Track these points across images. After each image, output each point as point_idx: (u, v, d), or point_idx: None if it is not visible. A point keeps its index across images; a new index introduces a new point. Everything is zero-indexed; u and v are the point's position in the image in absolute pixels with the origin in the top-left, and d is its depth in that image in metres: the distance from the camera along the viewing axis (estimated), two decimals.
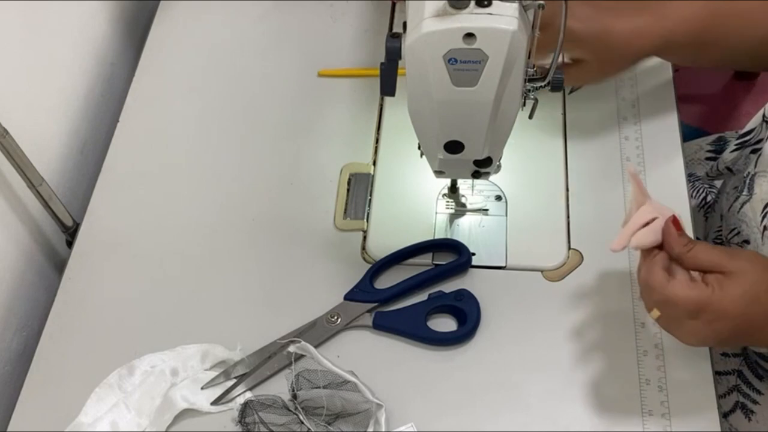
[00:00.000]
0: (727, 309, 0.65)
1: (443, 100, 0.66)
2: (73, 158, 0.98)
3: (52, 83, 0.94)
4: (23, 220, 0.88)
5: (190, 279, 0.84)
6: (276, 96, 0.97)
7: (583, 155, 0.85)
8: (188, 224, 0.87)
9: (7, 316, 0.86)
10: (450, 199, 0.87)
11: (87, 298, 0.83)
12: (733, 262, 0.66)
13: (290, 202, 0.88)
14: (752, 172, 0.80)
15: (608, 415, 0.73)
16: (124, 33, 1.09)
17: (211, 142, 0.94)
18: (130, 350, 0.78)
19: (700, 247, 0.67)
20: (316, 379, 0.73)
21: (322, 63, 0.99)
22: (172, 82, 0.99)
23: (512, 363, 0.77)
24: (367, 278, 0.81)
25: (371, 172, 0.90)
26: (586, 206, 0.86)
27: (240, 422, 0.73)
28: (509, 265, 0.83)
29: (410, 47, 0.62)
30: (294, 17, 1.03)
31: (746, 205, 0.80)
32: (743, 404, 0.85)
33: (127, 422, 0.74)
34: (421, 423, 0.74)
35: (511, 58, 0.62)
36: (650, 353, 0.76)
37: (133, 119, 0.96)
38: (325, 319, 0.79)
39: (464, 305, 0.78)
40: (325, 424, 0.72)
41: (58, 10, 0.93)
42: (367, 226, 0.86)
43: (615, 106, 0.92)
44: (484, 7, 0.60)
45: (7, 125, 0.78)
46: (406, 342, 0.78)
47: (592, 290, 0.80)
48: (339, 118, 0.94)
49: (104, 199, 0.90)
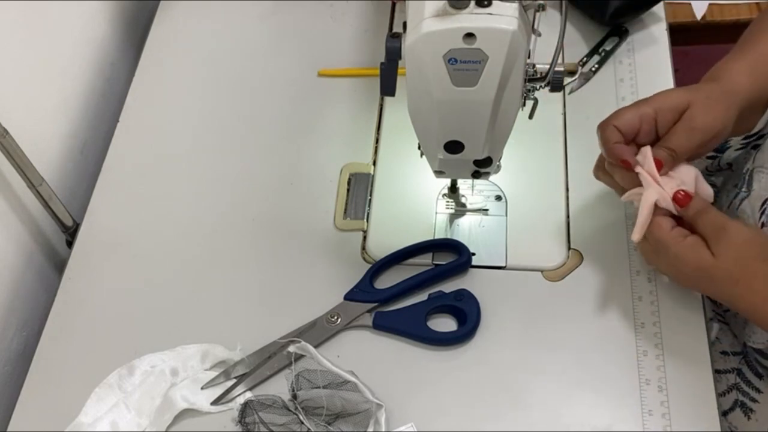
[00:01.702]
0: (683, 266, 0.71)
1: (443, 100, 0.66)
2: (73, 158, 0.98)
3: (52, 83, 0.94)
4: (23, 220, 0.88)
5: (190, 279, 0.84)
6: (276, 96, 0.97)
7: (583, 155, 0.85)
8: (188, 224, 0.87)
9: (7, 316, 0.86)
10: (450, 199, 0.87)
11: (87, 298, 0.83)
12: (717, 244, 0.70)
13: (290, 202, 0.88)
14: (750, 168, 0.81)
15: (608, 415, 0.73)
16: (124, 33, 1.09)
17: (211, 142, 0.94)
18: (130, 350, 0.78)
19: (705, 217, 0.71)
20: (316, 379, 0.73)
21: (322, 63, 0.99)
22: (172, 82, 0.99)
23: (512, 363, 0.77)
24: (367, 278, 0.81)
25: (371, 172, 0.90)
26: (586, 206, 0.86)
27: (240, 422, 0.73)
28: (509, 265, 0.83)
29: (410, 47, 0.62)
30: (294, 17, 1.03)
31: (745, 201, 0.80)
32: (743, 402, 0.85)
33: (127, 422, 0.74)
34: (421, 423, 0.74)
35: (511, 58, 0.62)
36: (650, 353, 0.76)
37: (133, 119, 0.96)
38: (325, 319, 0.79)
39: (464, 305, 0.78)
40: (325, 424, 0.72)
41: (58, 10, 0.93)
42: (367, 226, 0.86)
43: (615, 106, 0.92)
44: (484, 7, 0.60)
45: (7, 125, 0.78)
46: (406, 342, 0.78)
47: (592, 290, 0.80)
48: (339, 118, 0.94)
49: (104, 199, 0.90)
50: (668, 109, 0.74)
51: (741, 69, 0.77)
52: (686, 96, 0.74)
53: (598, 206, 0.85)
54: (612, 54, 0.97)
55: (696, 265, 0.70)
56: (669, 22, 1.00)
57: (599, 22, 0.99)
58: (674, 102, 0.74)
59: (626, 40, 0.98)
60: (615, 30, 0.98)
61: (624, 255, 0.82)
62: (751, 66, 0.77)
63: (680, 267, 0.72)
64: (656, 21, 0.99)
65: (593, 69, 0.95)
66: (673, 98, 0.74)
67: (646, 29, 0.99)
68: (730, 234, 0.70)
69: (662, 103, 0.74)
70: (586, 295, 0.80)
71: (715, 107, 0.74)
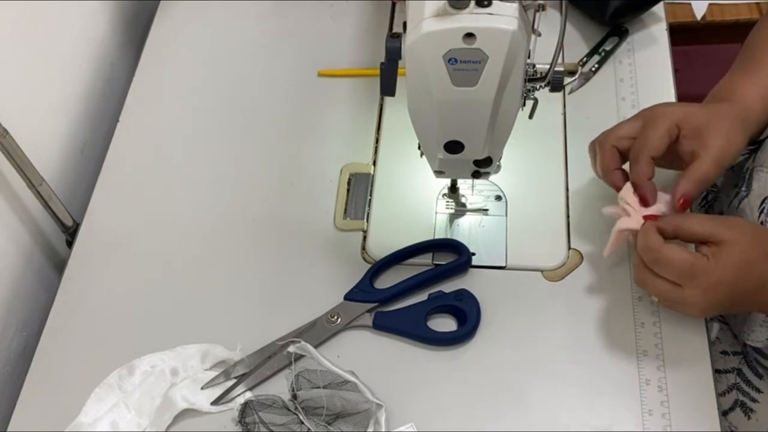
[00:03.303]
0: (722, 277, 0.68)
1: (443, 100, 0.66)
2: (73, 158, 0.98)
3: (52, 83, 0.94)
4: (23, 220, 0.88)
5: (190, 279, 0.84)
6: (276, 96, 0.97)
7: (583, 155, 0.85)
8: (188, 224, 0.87)
9: (7, 316, 0.86)
10: (450, 199, 0.87)
11: (87, 298, 0.83)
12: (727, 231, 0.69)
13: (290, 202, 0.88)
14: (750, 167, 0.81)
15: (608, 415, 0.73)
16: (124, 33, 1.09)
17: (211, 142, 0.94)
18: (130, 350, 0.78)
19: (694, 219, 0.71)
20: (316, 379, 0.73)
21: (322, 63, 0.99)
22: (172, 82, 0.99)
23: (512, 363, 0.77)
24: (367, 278, 0.81)
25: (371, 172, 0.90)
26: (586, 206, 0.86)
27: (240, 422, 0.73)
28: (509, 265, 0.83)
29: (410, 47, 0.62)
30: (294, 17, 1.03)
31: (744, 200, 0.80)
32: (743, 402, 0.85)
33: (127, 422, 0.74)
34: (421, 423, 0.74)
35: (511, 58, 0.62)
36: (650, 353, 0.76)
37: (133, 119, 0.96)
38: (325, 319, 0.79)
39: (464, 305, 0.78)
40: (325, 424, 0.72)
41: (58, 10, 0.93)
42: (367, 226, 0.86)
43: (615, 106, 0.92)
44: (484, 7, 0.60)
45: (7, 125, 0.78)
46: (406, 342, 0.78)
47: (592, 290, 0.80)
48: (339, 118, 0.94)
49: (104, 199, 0.90)
50: (693, 128, 0.74)
51: (753, 92, 0.78)
52: (707, 118, 0.74)
53: (598, 206, 0.85)
54: (612, 54, 0.97)
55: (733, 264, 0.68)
56: (669, 22, 1.00)
57: (599, 22, 0.99)
58: (699, 122, 0.74)
59: (626, 40, 0.98)
60: (615, 30, 0.98)
61: (624, 255, 0.82)
62: (761, 87, 0.78)
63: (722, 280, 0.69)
64: (656, 21, 0.99)
65: (593, 69, 0.95)
66: (699, 118, 0.74)
67: (646, 29, 0.99)
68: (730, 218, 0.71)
69: (686, 121, 0.74)
70: (586, 295, 0.80)
71: (736, 135, 0.74)
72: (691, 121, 0.74)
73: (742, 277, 0.68)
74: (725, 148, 0.73)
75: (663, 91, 0.93)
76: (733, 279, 0.68)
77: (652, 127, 0.74)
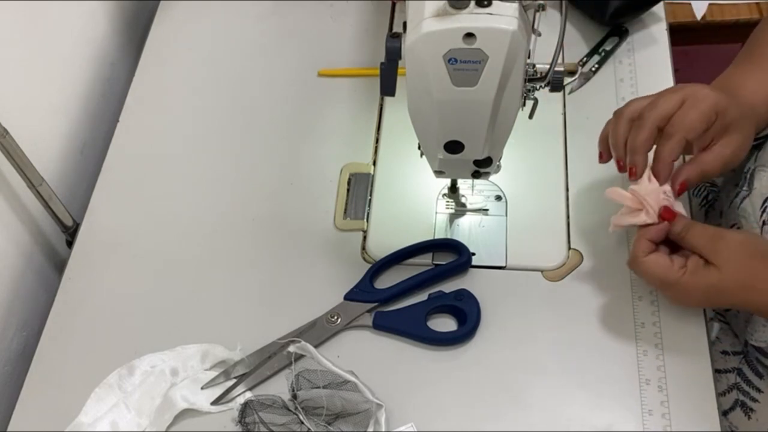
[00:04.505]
0: (691, 294, 0.72)
1: (443, 100, 0.66)
2: (73, 158, 0.98)
3: (52, 83, 0.94)
4: (23, 220, 0.88)
5: (190, 279, 0.84)
6: (276, 96, 0.97)
7: (583, 155, 0.85)
8: (188, 224, 0.87)
9: (7, 316, 0.86)
10: (450, 199, 0.87)
11: (87, 298, 0.83)
12: (717, 255, 0.71)
13: (290, 202, 0.88)
14: (752, 167, 0.81)
15: (608, 415, 0.73)
16: (124, 33, 1.09)
17: (211, 142, 0.94)
18: (130, 350, 0.78)
19: (695, 230, 0.73)
20: (316, 379, 0.73)
21: (322, 63, 0.99)
22: (172, 82, 0.99)
23: (512, 363, 0.77)
24: (367, 278, 0.81)
25: (371, 172, 0.90)
26: (586, 206, 0.86)
27: (240, 422, 0.73)
28: (509, 265, 0.83)
29: (410, 47, 0.62)
30: (294, 17, 1.03)
31: (746, 200, 0.80)
32: (743, 402, 0.85)
33: (127, 422, 0.74)
34: (421, 423, 0.74)
35: (511, 58, 0.62)
36: (650, 353, 0.76)
37: (133, 119, 0.96)
38: (325, 319, 0.79)
39: (464, 305, 0.78)
40: (325, 424, 0.72)
41: (58, 10, 0.93)
42: (367, 226, 0.86)
43: (615, 106, 0.91)
44: (484, 7, 0.60)
45: (7, 125, 0.78)
46: (406, 342, 0.78)
47: (592, 290, 0.80)
48: (339, 118, 0.94)
49: (104, 199, 0.90)
50: (724, 122, 0.73)
51: (757, 87, 0.78)
52: (737, 116, 0.74)
53: (598, 206, 0.85)
54: (612, 54, 0.97)
55: (705, 287, 0.71)
56: (669, 22, 1.00)
57: (599, 22, 0.99)
58: (731, 117, 0.73)
59: (626, 40, 0.98)
60: (615, 30, 0.98)
61: (624, 255, 0.82)
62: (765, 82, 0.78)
63: (690, 295, 0.73)
64: (656, 21, 0.99)
65: (593, 69, 0.95)
66: (731, 114, 0.73)
67: (646, 29, 0.99)
68: (727, 239, 0.71)
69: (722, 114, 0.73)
70: (586, 295, 0.80)
71: (750, 141, 0.75)
72: (725, 114, 0.73)
73: (709, 299, 0.74)
74: (739, 151, 0.75)
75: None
76: (701, 299, 0.74)
77: (694, 108, 0.72)
